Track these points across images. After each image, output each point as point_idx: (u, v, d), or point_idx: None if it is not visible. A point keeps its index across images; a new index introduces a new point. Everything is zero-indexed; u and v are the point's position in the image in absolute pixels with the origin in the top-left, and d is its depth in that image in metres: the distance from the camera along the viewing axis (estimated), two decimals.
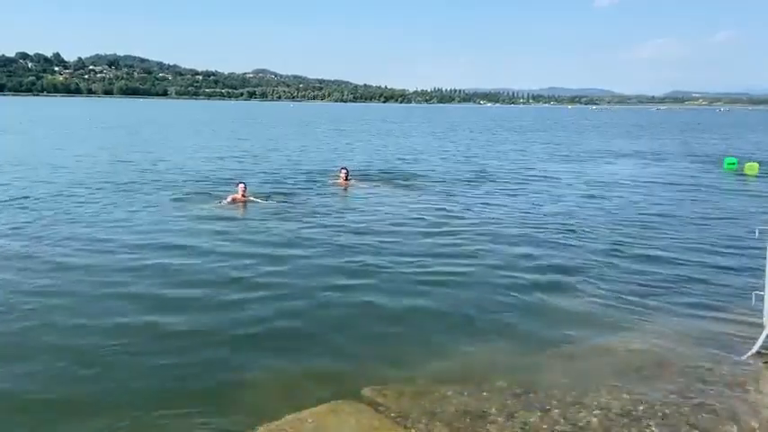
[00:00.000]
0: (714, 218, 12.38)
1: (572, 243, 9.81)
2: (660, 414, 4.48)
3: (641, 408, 4.57)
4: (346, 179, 15.71)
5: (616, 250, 9.33)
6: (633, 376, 5.13)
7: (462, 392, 4.78)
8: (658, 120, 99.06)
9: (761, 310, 5.54)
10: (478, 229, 10.89)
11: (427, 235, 10.26)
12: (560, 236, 10.33)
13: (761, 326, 5.54)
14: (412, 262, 8.52)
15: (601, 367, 5.35)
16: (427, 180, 17.66)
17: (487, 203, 13.79)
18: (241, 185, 12.24)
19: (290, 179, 17.11)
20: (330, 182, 16.05)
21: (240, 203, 11.99)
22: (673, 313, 6.67)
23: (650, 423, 4.35)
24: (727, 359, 5.45)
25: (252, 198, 12.30)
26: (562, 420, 4.39)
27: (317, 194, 14.30)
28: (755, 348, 5.47)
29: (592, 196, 15.07)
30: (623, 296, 7.19)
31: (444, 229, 10.80)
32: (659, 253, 9.23)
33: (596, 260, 8.74)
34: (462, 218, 11.95)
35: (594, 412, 4.51)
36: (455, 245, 9.60)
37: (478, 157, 26.11)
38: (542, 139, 41.16)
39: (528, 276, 7.93)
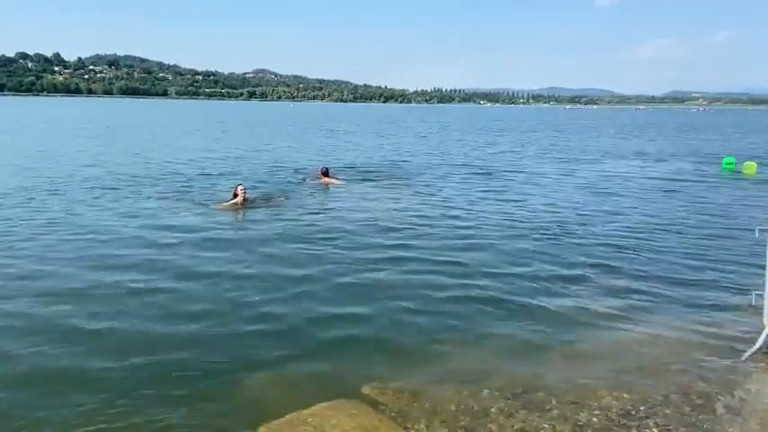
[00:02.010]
0: (713, 218, 12.37)
1: (569, 243, 9.81)
2: (660, 414, 4.48)
3: (642, 408, 4.57)
4: (326, 176, 16.19)
5: (615, 251, 9.33)
6: (633, 376, 5.13)
7: (462, 392, 4.78)
8: (631, 121, 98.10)
9: (761, 310, 5.54)
10: (473, 229, 10.88)
11: (423, 235, 10.24)
12: (558, 236, 10.33)
13: (761, 326, 5.53)
14: (410, 262, 8.51)
15: (601, 367, 5.34)
16: (417, 179, 17.76)
17: (482, 203, 13.78)
18: (240, 188, 12.25)
19: (276, 178, 17.25)
20: (311, 181, 16.49)
21: (240, 205, 12.00)
22: (672, 313, 6.67)
23: (650, 423, 4.35)
24: (728, 359, 5.45)
25: (252, 200, 12.31)
26: (562, 420, 4.38)
27: (309, 194, 14.27)
28: (755, 348, 5.47)
29: (588, 197, 15.06)
30: (623, 296, 7.19)
31: (439, 229, 10.79)
32: (658, 253, 9.22)
33: (595, 261, 8.74)
34: (455, 217, 11.94)
35: (595, 412, 4.51)
36: (452, 245, 9.58)
37: (470, 157, 26.10)
38: (535, 140, 41.10)
39: (527, 276, 7.92)
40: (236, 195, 12.11)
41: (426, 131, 50.83)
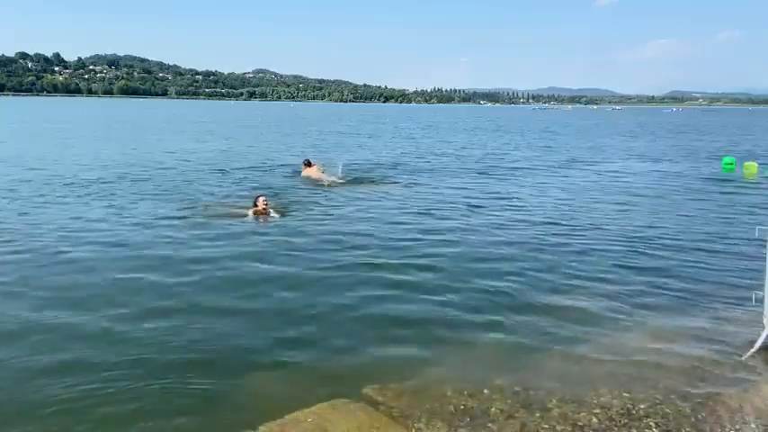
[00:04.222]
0: (712, 218, 12.36)
1: (569, 244, 9.80)
2: (660, 414, 4.49)
3: (642, 407, 4.58)
4: (308, 167, 17.50)
5: (613, 252, 9.32)
6: (633, 376, 5.13)
7: (462, 392, 4.79)
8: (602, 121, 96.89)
9: (761, 310, 5.54)
10: (472, 230, 10.87)
11: (422, 237, 10.22)
12: (557, 237, 10.31)
13: (761, 326, 5.54)
14: (408, 264, 8.50)
15: (601, 367, 5.34)
16: (417, 180, 17.81)
17: (478, 203, 13.77)
18: (261, 198, 12.20)
19: (272, 177, 17.41)
20: (302, 172, 17.51)
21: (261, 216, 11.94)
22: (672, 313, 6.67)
23: (650, 423, 4.36)
24: (727, 359, 5.45)
25: (271, 211, 12.25)
26: (562, 420, 4.39)
27: (317, 199, 14.10)
28: (755, 348, 5.47)
29: (584, 198, 15.03)
30: (623, 296, 7.19)
31: (437, 230, 10.75)
32: (658, 253, 9.22)
33: (595, 261, 8.74)
34: (451, 218, 11.93)
35: (595, 411, 4.51)
36: (450, 247, 9.58)
37: (468, 157, 26.10)
38: (528, 141, 41.08)
39: (527, 277, 7.92)
40: (256, 205, 12.04)
41: (426, 132, 50.85)
